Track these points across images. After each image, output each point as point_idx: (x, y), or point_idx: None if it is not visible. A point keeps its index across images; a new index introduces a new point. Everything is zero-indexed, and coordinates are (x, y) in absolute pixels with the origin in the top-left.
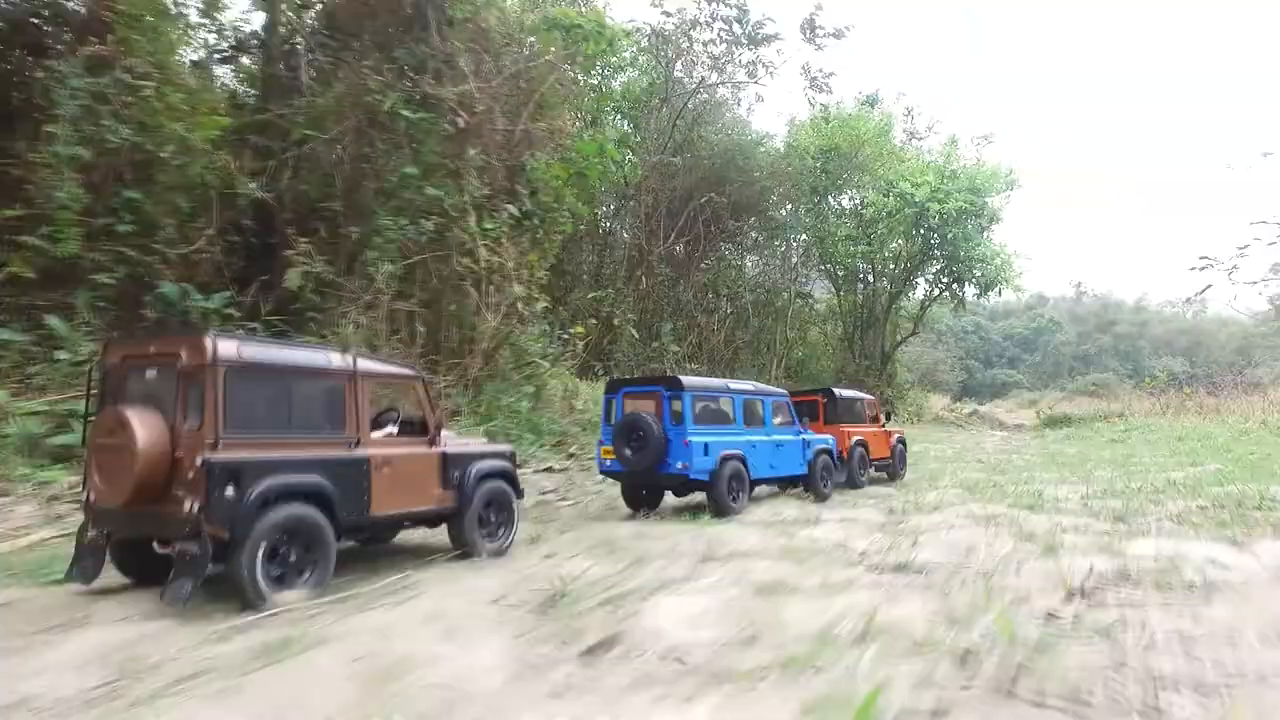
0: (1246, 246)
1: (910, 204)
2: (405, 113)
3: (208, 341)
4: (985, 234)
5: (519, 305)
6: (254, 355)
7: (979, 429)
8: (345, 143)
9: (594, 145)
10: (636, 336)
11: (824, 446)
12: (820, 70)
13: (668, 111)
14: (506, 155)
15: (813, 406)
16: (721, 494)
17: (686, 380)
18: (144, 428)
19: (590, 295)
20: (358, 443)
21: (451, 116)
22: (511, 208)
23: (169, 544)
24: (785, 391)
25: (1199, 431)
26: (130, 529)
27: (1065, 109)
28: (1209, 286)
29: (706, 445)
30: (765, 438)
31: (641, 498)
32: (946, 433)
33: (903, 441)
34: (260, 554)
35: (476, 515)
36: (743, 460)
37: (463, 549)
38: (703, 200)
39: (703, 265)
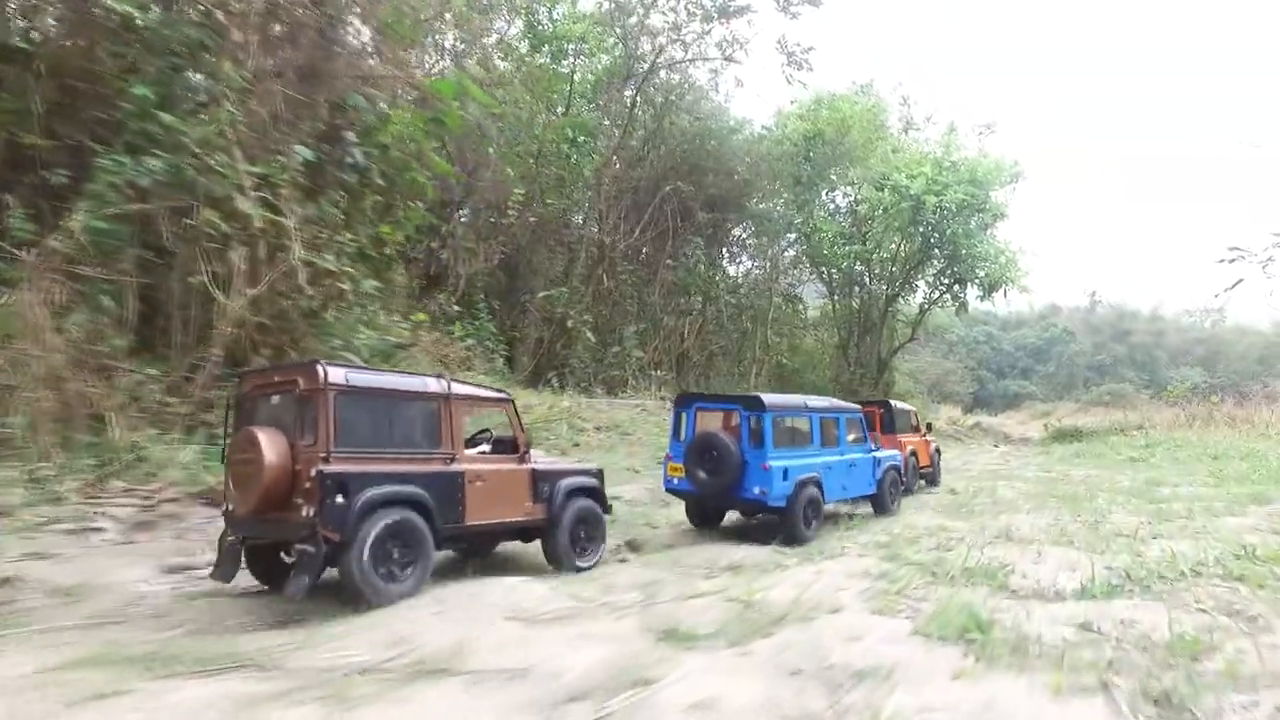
0: None
1: (905, 197)
2: (129, 6)
3: (320, 369)
4: (989, 231)
5: (339, 285)
6: (360, 381)
7: (980, 443)
8: (51, 54)
9: (451, 84)
10: (594, 340)
11: (894, 463)
12: (798, 45)
13: (630, 91)
14: (314, 87)
15: (869, 418)
16: (797, 521)
17: (767, 399)
18: (270, 445)
19: (541, 295)
20: (453, 458)
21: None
22: (303, 149)
23: (294, 547)
24: (859, 407)
25: (1238, 447)
26: (261, 533)
27: (1044, 83)
28: (1240, 281)
29: (786, 470)
30: (840, 458)
31: (705, 516)
32: (944, 447)
33: (939, 450)
34: (367, 553)
35: (568, 530)
36: (819, 484)
37: (554, 562)
38: (668, 189)
39: (668, 262)
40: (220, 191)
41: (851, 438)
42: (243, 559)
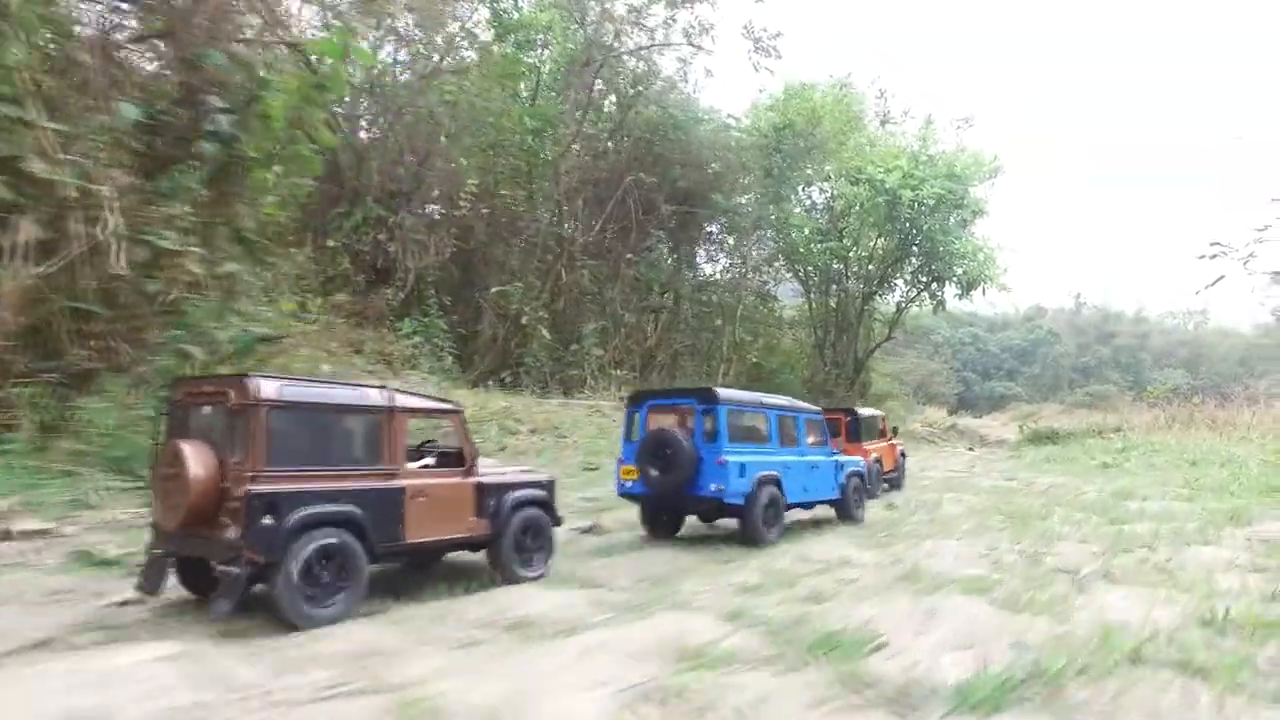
0: (1266, 228)
1: (881, 192)
2: None
3: (251, 383)
4: (967, 228)
5: (191, 268)
6: (294, 395)
7: (955, 445)
8: None
9: (333, 45)
10: (550, 338)
11: (857, 469)
12: (764, 31)
13: (589, 77)
14: (167, 40)
15: (834, 426)
16: (756, 521)
17: (722, 392)
18: (196, 460)
19: (495, 290)
20: (394, 474)
21: None
22: (130, 107)
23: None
24: (819, 409)
25: (1218, 451)
26: (186, 549)
27: (1014, 70)
28: (1221, 278)
29: (743, 466)
30: (800, 458)
31: (662, 522)
32: (910, 451)
33: (904, 454)
34: (295, 576)
35: (512, 543)
36: (779, 484)
37: (499, 572)
38: (629, 181)
39: (629, 256)
40: (3, 149)
41: (811, 439)
42: (170, 570)
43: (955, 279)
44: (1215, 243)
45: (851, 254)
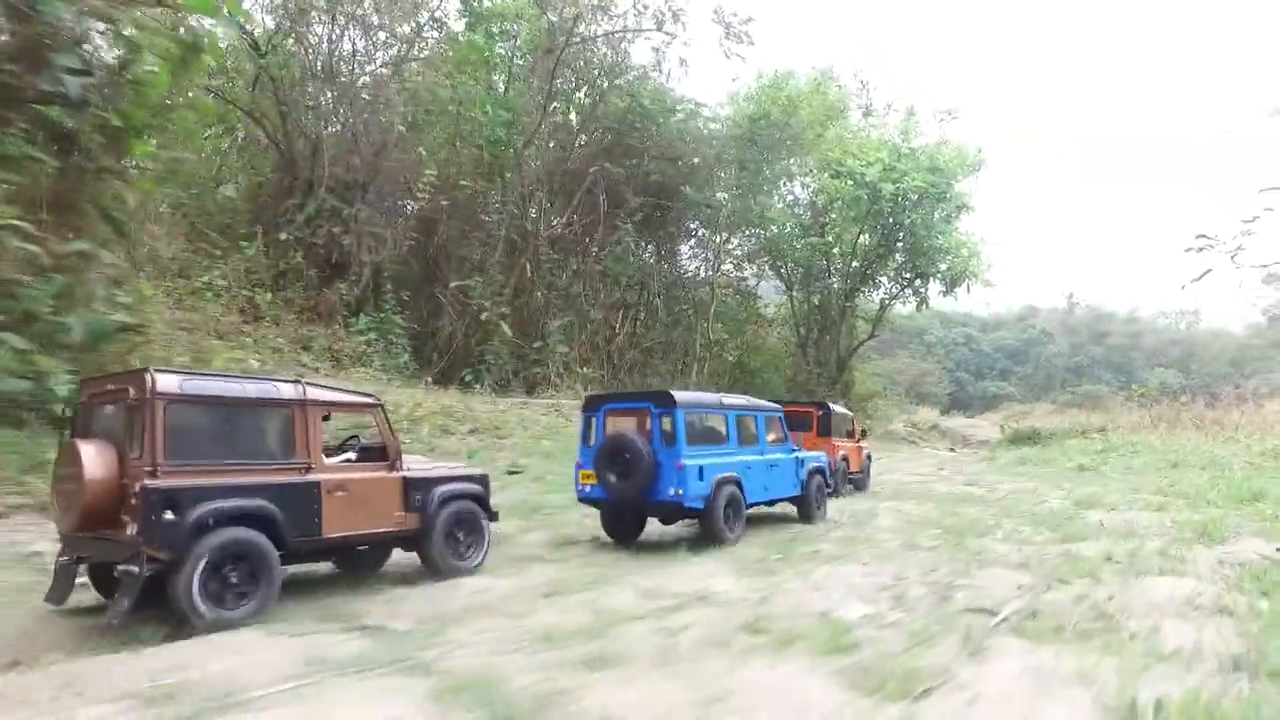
0: (1254, 220)
1: (861, 185)
2: None
3: (148, 377)
4: (952, 223)
5: (20, 245)
6: (196, 389)
7: (934, 446)
8: None
9: (209, 1)
10: (510, 335)
11: (818, 465)
12: (735, 16)
13: (550, 64)
14: None
15: (806, 419)
16: (717, 523)
17: (679, 395)
18: (93, 459)
19: (454, 285)
20: (308, 468)
21: None
22: None
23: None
24: (779, 406)
25: (1202, 453)
26: (91, 552)
27: (1000, 63)
28: (1209, 271)
29: (701, 469)
30: (760, 457)
31: (623, 527)
32: (885, 452)
33: (869, 456)
34: (197, 575)
35: (442, 536)
36: (739, 484)
37: (431, 569)
38: (594, 171)
39: (593, 249)
40: None
41: (771, 437)
42: (79, 578)
43: (939, 275)
44: (1202, 235)
45: (835, 250)
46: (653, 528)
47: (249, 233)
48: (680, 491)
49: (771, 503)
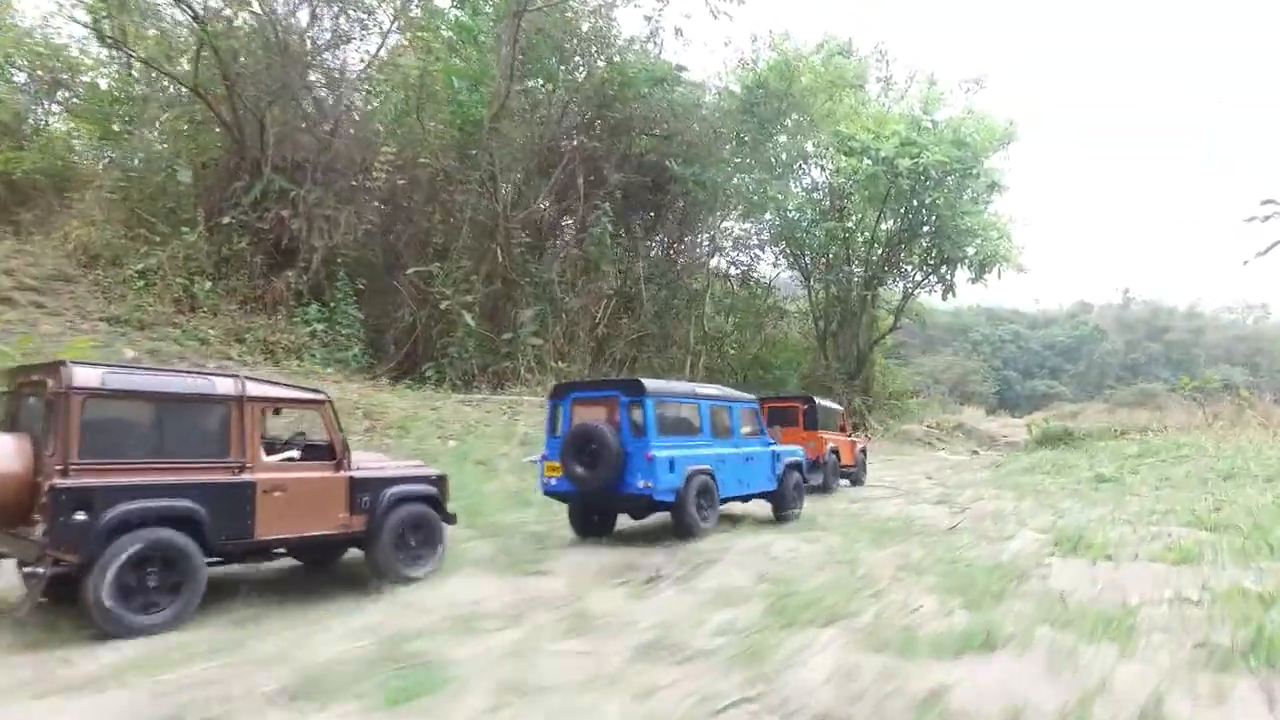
0: None
1: (876, 161)
2: None
3: (64, 370)
4: (981, 203)
5: None
6: (119, 383)
7: (953, 447)
8: None
9: None
10: (473, 325)
11: (795, 460)
12: None
13: (513, 30)
14: None
15: (792, 413)
16: (690, 515)
17: (649, 384)
18: (9, 453)
19: (411, 271)
20: (243, 467)
21: None
22: None
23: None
24: (753, 398)
25: (1266, 459)
26: (8, 550)
27: (1031, 33)
28: (1277, 243)
29: (672, 461)
30: (734, 450)
31: (592, 522)
32: (887, 455)
33: (864, 451)
34: (110, 578)
35: (391, 540)
36: (712, 476)
37: (378, 574)
38: (571, 146)
39: (566, 225)
40: None
41: (746, 430)
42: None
43: (967, 261)
44: (1269, 200)
45: (855, 236)
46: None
47: (193, 218)
48: (650, 484)
49: (746, 498)
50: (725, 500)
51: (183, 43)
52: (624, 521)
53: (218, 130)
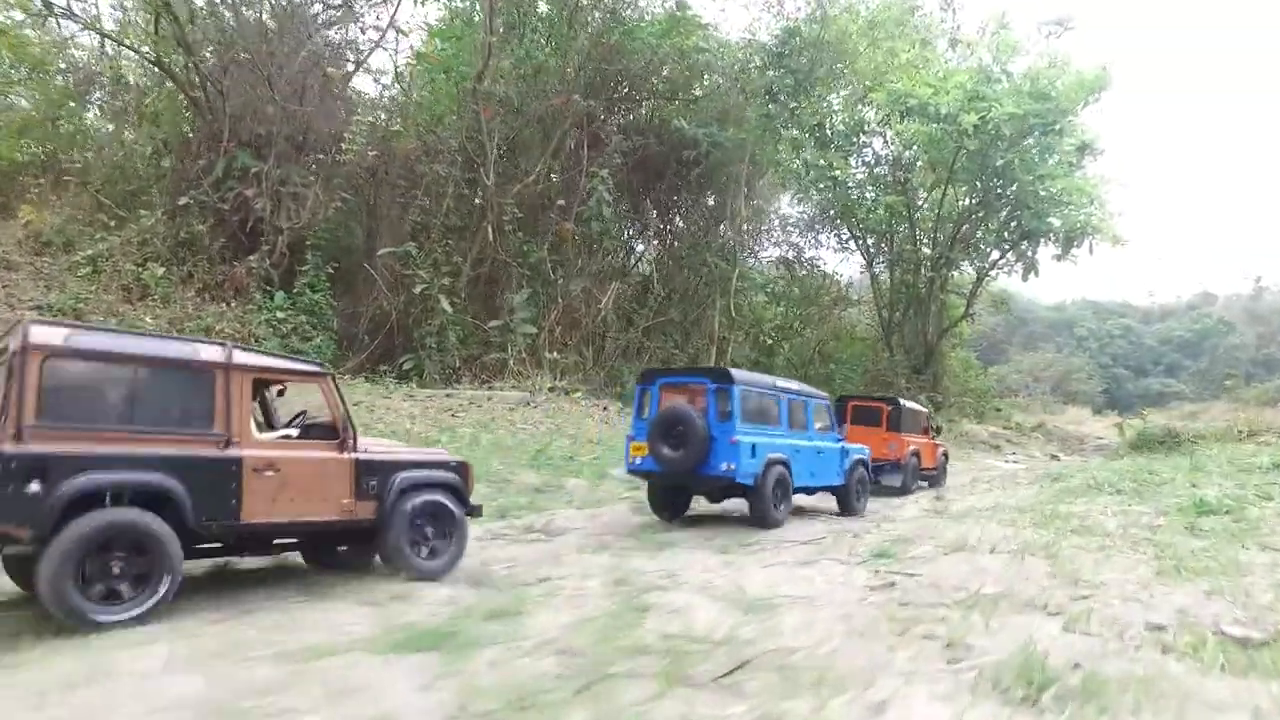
0: None
1: (934, 118)
2: None
3: (22, 329)
4: (1068, 166)
5: None
6: (86, 344)
7: (1029, 451)
8: None
9: None
10: (451, 312)
11: (861, 457)
12: None
13: None
14: None
15: (877, 413)
16: (766, 501)
17: (736, 374)
18: None
19: (383, 252)
20: (229, 442)
21: None
22: None
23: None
24: (826, 395)
25: None
26: None
27: None
28: None
29: (754, 446)
30: (808, 443)
31: (670, 504)
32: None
33: (945, 454)
34: (69, 563)
35: (402, 530)
36: (787, 466)
37: (389, 565)
38: (570, 107)
39: (560, 205)
40: None
41: (819, 425)
42: None
43: (1052, 234)
44: None
45: (924, 211)
46: None
47: (153, 200)
48: (732, 466)
49: (812, 490)
50: (797, 490)
51: (145, 18)
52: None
53: (185, 110)
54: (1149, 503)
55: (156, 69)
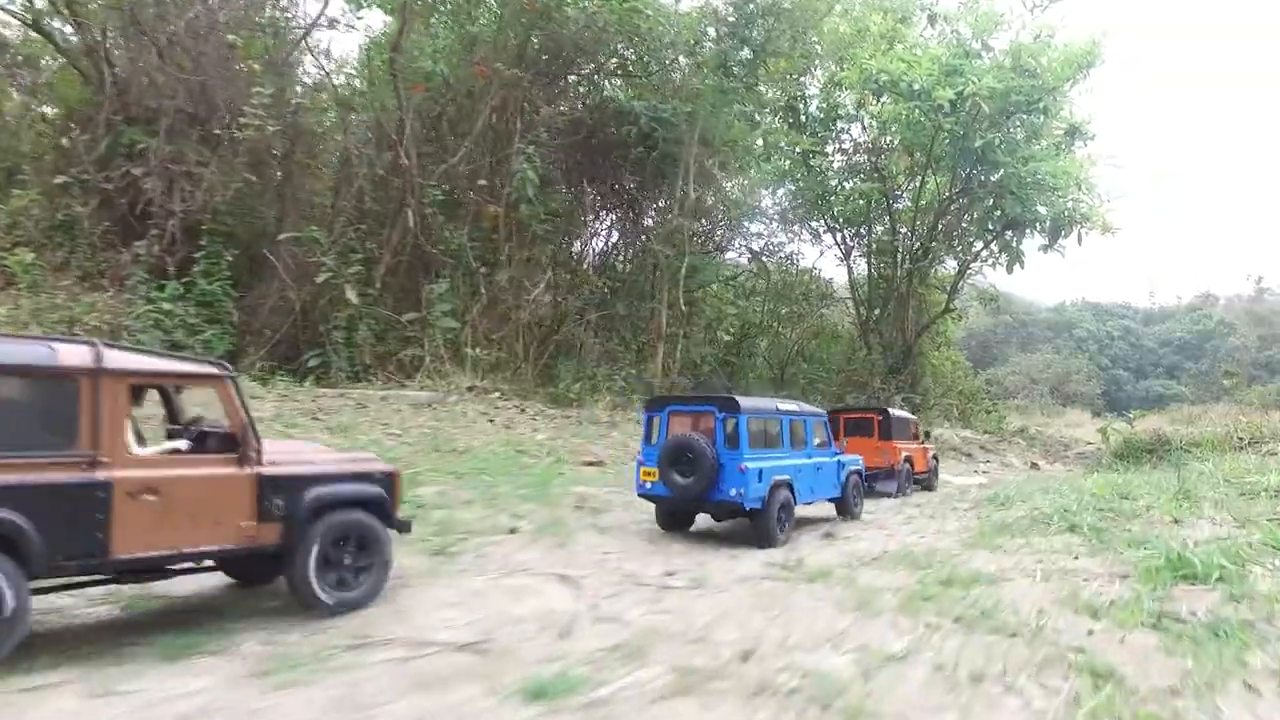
0: None
1: (907, 95)
2: None
3: None
4: (1057, 149)
5: None
6: None
7: (1006, 458)
8: None
9: None
10: (357, 303)
11: (856, 467)
12: None
13: None
14: None
15: (867, 424)
16: (771, 523)
17: (743, 401)
18: None
19: (284, 237)
20: (95, 461)
21: None
22: None
23: None
24: (824, 411)
25: None
26: None
27: None
28: None
29: (761, 471)
30: (808, 460)
31: (675, 520)
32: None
33: (936, 458)
34: None
35: (313, 556)
36: (790, 487)
37: (298, 598)
38: (496, 80)
39: (480, 185)
40: None
41: (817, 441)
42: None
43: (1038, 223)
44: None
45: (901, 199)
46: None
47: (23, 179)
48: (741, 492)
49: (811, 502)
50: (799, 504)
51: None
52: None
53: (77, 81)
54: (1107, 551)
55: (36, 34)
